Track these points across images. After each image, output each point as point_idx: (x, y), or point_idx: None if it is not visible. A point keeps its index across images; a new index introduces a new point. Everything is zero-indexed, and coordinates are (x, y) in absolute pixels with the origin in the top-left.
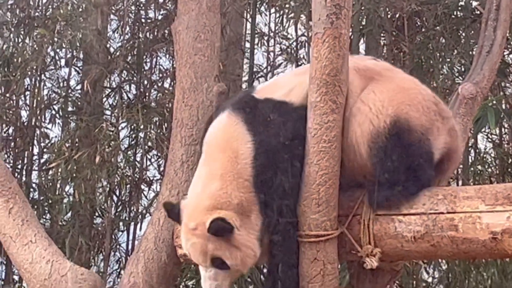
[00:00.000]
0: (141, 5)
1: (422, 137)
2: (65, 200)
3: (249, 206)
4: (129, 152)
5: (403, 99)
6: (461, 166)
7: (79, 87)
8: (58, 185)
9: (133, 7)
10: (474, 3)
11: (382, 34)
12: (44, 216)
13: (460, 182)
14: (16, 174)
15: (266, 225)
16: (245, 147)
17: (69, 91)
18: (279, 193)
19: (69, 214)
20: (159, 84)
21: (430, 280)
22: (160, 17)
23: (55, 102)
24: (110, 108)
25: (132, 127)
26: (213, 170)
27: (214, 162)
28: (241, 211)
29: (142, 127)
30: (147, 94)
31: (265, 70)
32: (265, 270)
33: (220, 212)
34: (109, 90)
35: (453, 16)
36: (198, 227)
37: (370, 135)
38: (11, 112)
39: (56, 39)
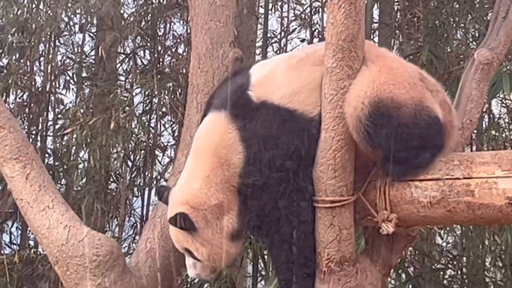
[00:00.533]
0: None
1: (417, 108)
2: (80, 166)
3: (228, 207)
4: (143, 118)
5: (386, 79)
6: (475, 131)
7: (93, 53)
8: (73, 151)
9: None
10: None
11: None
12: (59, 182)
13: (474, 148)
14: (31, 140)
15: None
16: (237, 158)
17: (83, 57)
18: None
19: (84, 180)
20: (173, 50)
21: (444, 244)
22: None
23: (69, 68)
24: (124, 74)
25: (146, 93)
26: (199, 169)
27: (203, 162)
28: (216, 211)
29: (156, 93)
30: (161, 60)
31: (279, 36)
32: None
33: (187, 208)
34: (123, 56)
35: None
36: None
37: (354, 120)
38: (25, 78)
39: (70, 5)
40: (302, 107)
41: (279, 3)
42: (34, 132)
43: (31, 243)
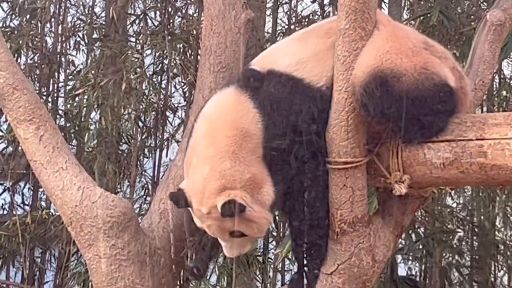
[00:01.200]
0: None
1: (420, 75)
2: (92, 127)
3: (261, 178)
4: (154, 79)
5: (390, 49)
6: (486, 92)
7: (103, 14)
8: (84, 112)
9: None
10: None
11: None
12: (70, 143)
13: (485, 109)
14: (42, 101)
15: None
16: (256, 127)
17: (94, 18)
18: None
19: (95, 141)
20: (184, 11)
21: (454, 206)
22: None
23: (80, 29)
24: (135, 35)
25: (157, 54)
26: (222, 149)
27: (223, 140)
28: (253, 185)
29: (167, 54)
30: (171, 21)
31: None
32: None
33: (230, 193)
34: (134, 17)
35: None
36: (211, 210)
37: (354, 89)
38: (36, 39)
39: None
40: (308, 77)
41: None
42: (45, 93)
43: (43, 204)
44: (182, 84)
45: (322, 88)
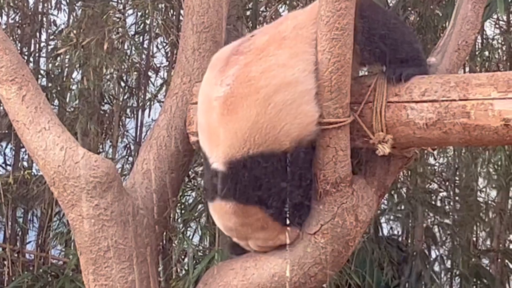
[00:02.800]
0: None
1: None
2: (74, 87)
3: None
4: (136, 39)
5: None
6: (469, 52)
7: None
8: (66, 72)
9: None
10: None
11: None
12: (52, 103)
13: (467, 69)
14: (24, 61)
15: None
16: None
17: None
18: None
19: (77, 101)
20: None
21: (437, 166)
22: None
23: None
24: None
25: (139, 14)
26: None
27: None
28: None
29: (149, 14)
30: None
31: None
32: None
33: None
34: None
35: None
36: None
37: None
38: None
39: None
40: None
41: None
42: (27, 53)
43: (25, 164)
44: (165, 44)
45: None
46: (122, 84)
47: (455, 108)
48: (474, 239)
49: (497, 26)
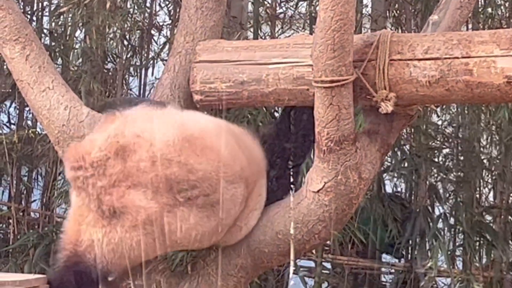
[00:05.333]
0: None
1: None
2: (77, 46)
3: None
4: None
5: None
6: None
7: None
8: (69, 31)
9: None
10: None
11: None
12: (56, 62)
13: (470, 26)
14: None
15: None
16: None
17: None
18: None
19: (80, 60)
20: None
21: (440, 123)
22: None
23: None
24: None
25: None
26: None
27: None
28: None
29: None
30: None
31: None
32: None
33: None
34: None
35: None
36: None
37: None
38: None
39: None
40: None
41: None
42: (29, 12)
43: (29, 123)
44: (167, 2)
45: None
46: (125, 42)
47: (458, 65)
48: (477, 196)
49: None
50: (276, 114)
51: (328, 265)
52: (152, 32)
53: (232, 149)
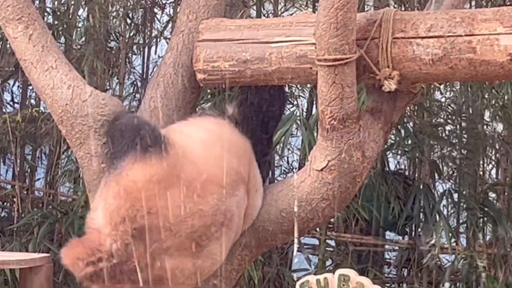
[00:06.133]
0: None
1: None
2: (80, 25)
3: None
4: None
5: None
6: None
7: None
8: (72, 10)
9: None
10: None
11: None
12: (58, 41)
13: (473, 3)
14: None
15: None
16: None
17: None
18: None
19: (83, 39)
20: None
21: (443, 100)
22: None
23: None
24: None
25: None
26: None
27: None
28: None
29: None
30: None
31: None
32: None
33: None
34: None
35: None
36: None
37: None
38: None
39: None
40: None
41: None
42: None
43: (33, 102)
44: None
45: None
46: (128, 21)
47: (461, 43)
48: (481, 172)
49: None
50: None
51: (332, 243)
52: (155, 10)
53: (223, 160)
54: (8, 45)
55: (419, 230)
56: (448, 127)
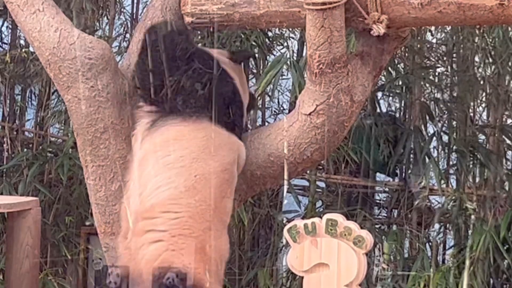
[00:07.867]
0: None
1: None
2: None
3: None
4: None
5: None
6: None
7: None
8: None
9: None
10: None
11: None
12: None
13: None
14: None
15: None
16: None
17: None
18: None
19: None
20: None
21: (434, 41)
22: None
23: None
24: None
25: None
26: None
27: None
28: None
29: None
30: None
31: None
32: None
33: None
34: None
35: None
36: None
37: None
38: None
39: None
40: None
41: None
42: None
43: (22, 42)
44: None
45: None
46: None
47: None
48: (471, 114)
49: None
50: (270, 34)
51: (322, 184)
52: None
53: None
54: None
55: (409, 172)
56: (438, 69)
